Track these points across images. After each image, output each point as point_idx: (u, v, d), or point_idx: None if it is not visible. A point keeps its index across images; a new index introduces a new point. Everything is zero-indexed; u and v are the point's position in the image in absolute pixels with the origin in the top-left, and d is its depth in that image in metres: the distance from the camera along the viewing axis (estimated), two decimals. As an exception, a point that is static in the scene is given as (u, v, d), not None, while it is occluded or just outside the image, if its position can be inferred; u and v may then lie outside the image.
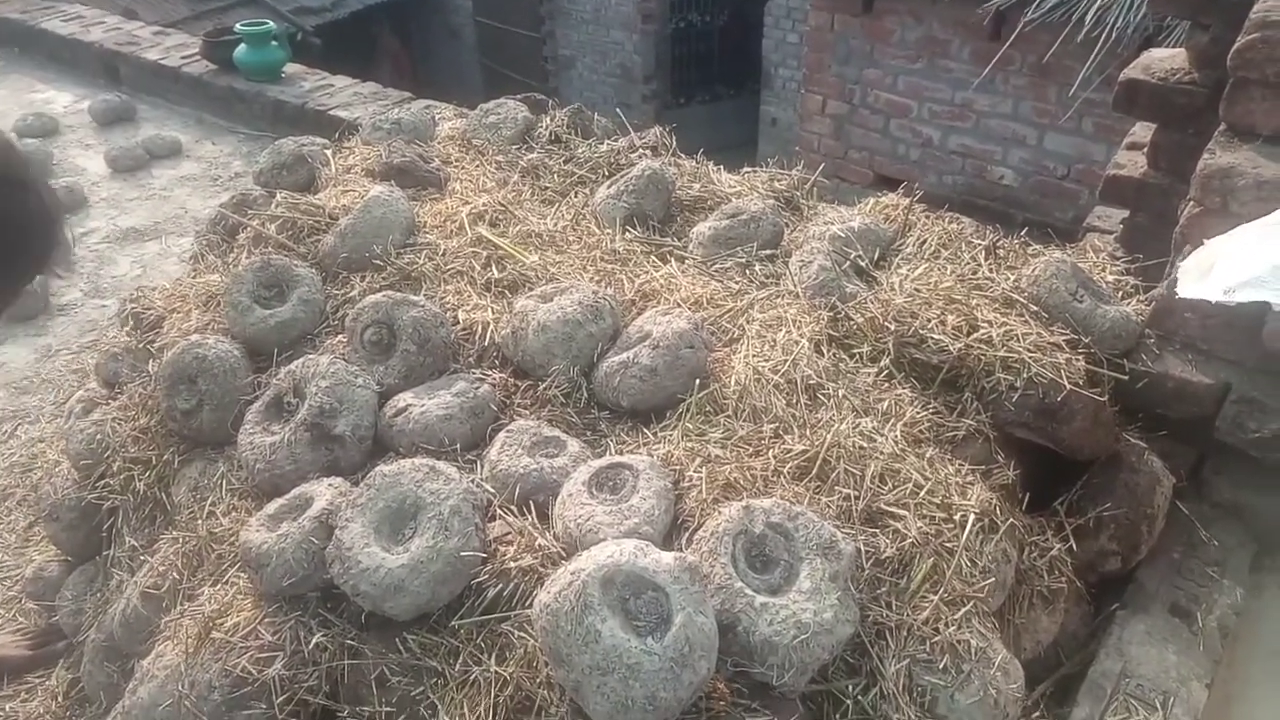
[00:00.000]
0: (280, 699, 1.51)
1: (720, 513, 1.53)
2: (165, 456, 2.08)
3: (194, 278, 2.53)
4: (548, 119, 3.01)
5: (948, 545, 1.61)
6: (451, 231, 2.34)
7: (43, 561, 2.44)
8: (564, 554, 1.55)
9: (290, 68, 5.35)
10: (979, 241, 2.33)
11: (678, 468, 1.68)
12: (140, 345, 2.35)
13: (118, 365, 2.39)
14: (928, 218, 2.48)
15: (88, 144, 5.16)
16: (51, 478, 2.36)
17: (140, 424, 2.15)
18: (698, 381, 1.83)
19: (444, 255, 2.25)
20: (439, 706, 1.44)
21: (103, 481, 2.12)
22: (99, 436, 2.17)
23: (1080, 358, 1.98)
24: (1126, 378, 2.05)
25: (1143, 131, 2.68)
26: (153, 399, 2.14)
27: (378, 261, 2.21)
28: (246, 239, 2.44)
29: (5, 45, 6.38)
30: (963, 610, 1.54)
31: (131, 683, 1.70)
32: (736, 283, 2.20)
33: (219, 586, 1.71)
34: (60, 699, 2.17)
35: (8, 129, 5.20)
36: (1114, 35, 4.42)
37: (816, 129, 6.36)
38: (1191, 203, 2.05)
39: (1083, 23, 4.49)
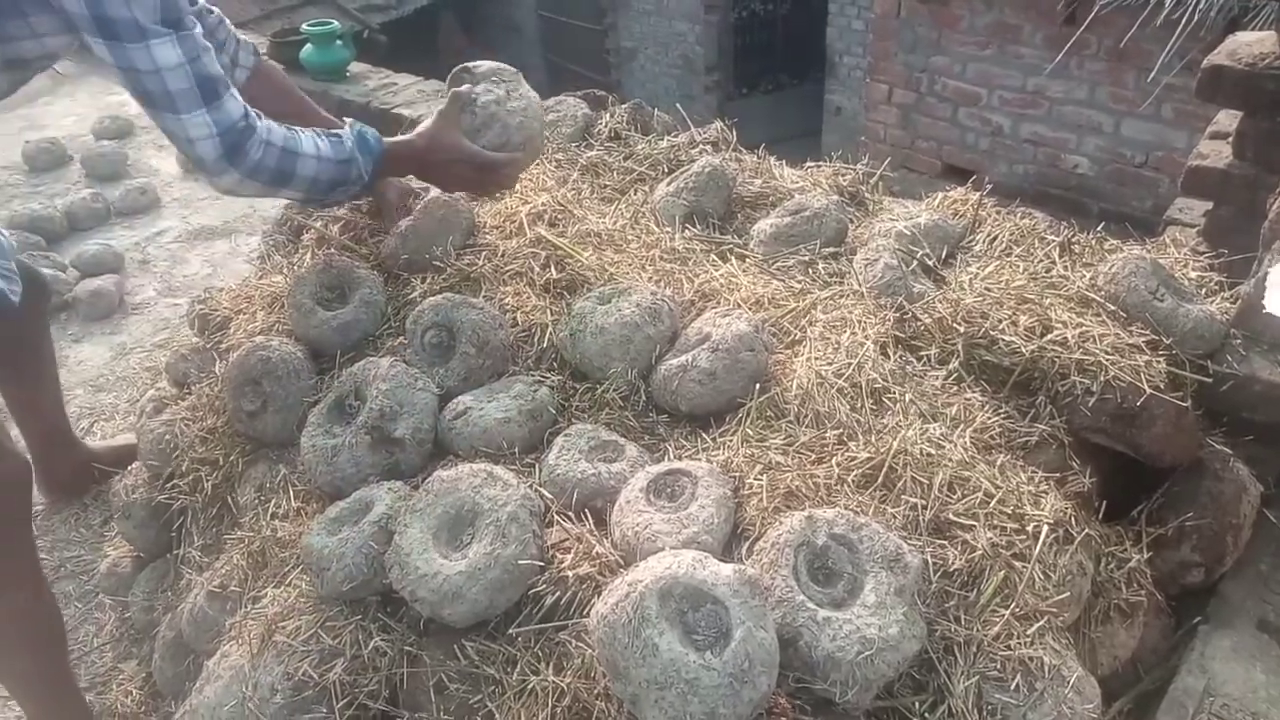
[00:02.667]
0: (341, 703, 1.52)
1: (781, 523, 1.49)
2: (231, 457, 2.11)
3: (259, 278, 2.57)
4: (607, 115, 2.99)
5: (1020, 557, 1.55)
6: (511, 232, 2.33)
7: (116, 557, 2.50)
8: (622, 562, 1.53)
9: (355, 66, 5.41)
10: (1053, 237, 2.25)
11: (737, 474, 1.65)
12: (208, 346, 2.39)
13: (187, 365, 2.44)
14: (998, 212, 2.40)
15: (161, 145, 5.29)
16: (124, 476, 2.42)
17: (207, 424, 2.18)
18: (758, 385, 1.79)
19: (503, 256, 2.24)
20: (496, 715, 1.43)
21: (171, 482, 2.16)
22: (168, 436, 2.21)
23: (1161, 360, 1.89)
24: (1210, 380, 1.95)
25: (1227, 120, 2.56)
26: (219, 400, 2.18)
27: (438, 263, 2.21)
28: (310, 240, 2.46)
29: (86, 50, 6.57)
30: (1035, 625, 1.48)
31: (198, 681, 1.73)
32: (799, 282, 2.15)
33: (282, 589, 1.72)
34: (135, 692, 2.22)
35: (85, 132, 5.36)
36: (1196, 18, 4.22)
37: (882, 118, 6.23)
38: (1282, 196, 1.95)
39: (1163, 5, 4.31)
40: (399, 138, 2.13)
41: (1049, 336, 1.88)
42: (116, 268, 4.02)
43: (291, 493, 1.93)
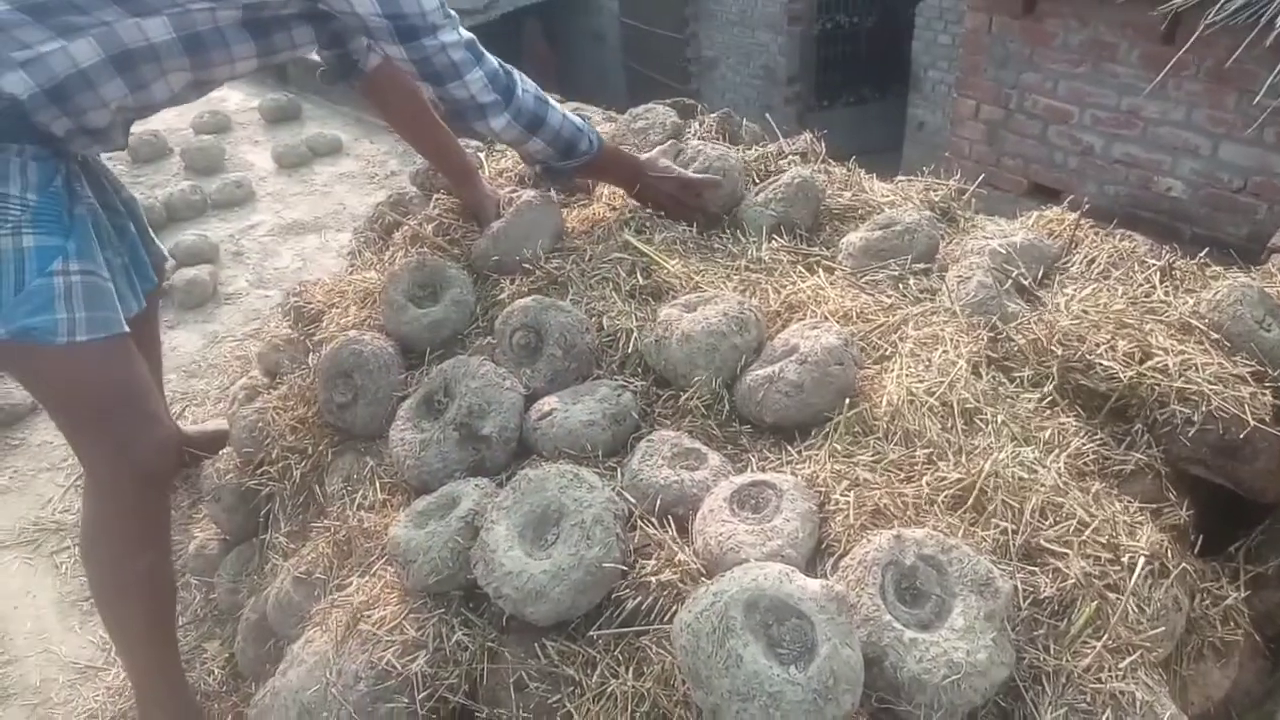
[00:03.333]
0: (422, 695, 1.54)
1: (869, 540, 1.47)
2: (320, 447, 2.17)
3: (351, 274, 2.63)
4: (696, 124, 2.99)
5: (1113, 588, 1.51)
6: (598, 237, 2.35)
7: (204, 539, 2.58)
8: (703, 571, 1.53)
9: (444, 69, 5.51)
10: (1153, 261, 2.19)
11: (823, 489, 1.63)
12: (301, 338, 2.45)
13: (279, 356, 2.51)
14: (1095, 233, 2.34)
15: (256, 140, 5.46)
16: (215, 460, 2.49)
17: (298, 414, 2.24)
18: (846, 400, 1.78)
19: (590, 261, 2.26)
20: (575, 716, 1.44)
21: (261, 469, 2.22)
22: (259, 424, 2.27)
23: (1267, 392, 1.83)
24: (1318, 415, 1.88)
25: (1343, 146, 2.46)
26: (311, 391, 2.23)
27: (527, 265, 2.24)
28: (403, 238, 2.52)
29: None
30: (1128, 659, 1.44)
31: (281, 665, 1.77)
32: (888, 297, 2.13)
33: (367, 578, 1.76)
34: (218, 671, 2.29)
35: (185, 126, 5.56)
36: (1306, 39, 4.09)
37: (968, 134, 6.13)
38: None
39: (1273, 25, 4.17)
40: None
41: (1149, 363, 1.83)
42: (211, 258, 4.16)
43: (378, 484, 1.97)
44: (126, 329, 1.96)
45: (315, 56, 2.31)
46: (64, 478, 3.05)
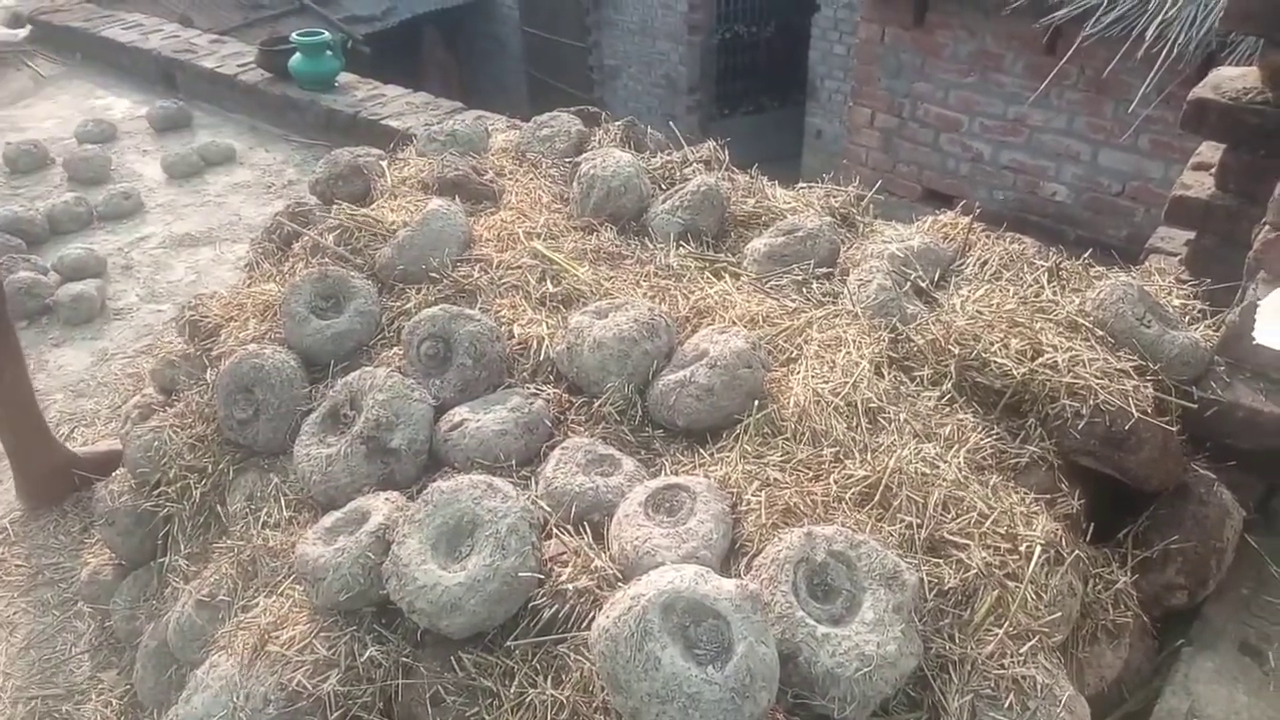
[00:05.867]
0: (335, 715, 1.51)
1: (781, 539, 1.50)
2: (221, 465, 2.10)
3: (249, 285, 2.55)
4: (601, 132, 3.01)
5: (1013, 576, 1.57)
6: (506, 245, 2.34)
7: (97, 565, 2.47)
8: (620, 576, 1.53)
9: (343, 77, 5.41)
10: (1041, 262, 2.29)
11: (735, 490, 1.66)
12: (198, 353, 2.37)
13: (175, 372, 2.42)
14: (988, 237, 2.44)
15: (145, 150, 5.25)
16: (108, 482, 2.39)
17: (196, 432, 2.17)
18: (755, 402, 1.81)
19: (499, 269, 2.25)
20: (494, 728, 1.43)
21: (159, 490, 2.14)
22: (155, 443, 2.19)
23: (1148, 385, 1.93)
24: (1195, 406, 1.99)
25: (1210, 152, 2.61)
26: (209, 407, 2.16)
27: (434, 274, 2.21)
28: (302, 248, 2.46)
29: (68, 52, 6.52)
30: (1028, 644, 1.50)
31: (185, 691, 1.71)
32: (793, 301, 2.18)
33: (274, 598, 1.71)
34: (115, 703, 2.19)
35: (68, 135, 5.31)
36: (1175, 51, 4.33)
37: (864, 142, 6.30)
38: (1267, 227, 2.00)
39: (1143, 38, 4.40)
40: None
41: (1040, 360, 1.91)
42: (99, 272, 3.98)
43: (283, 502, 1.92)
44: None
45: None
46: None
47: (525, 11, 11.82)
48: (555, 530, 1.62)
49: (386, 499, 1.72)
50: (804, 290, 2.23)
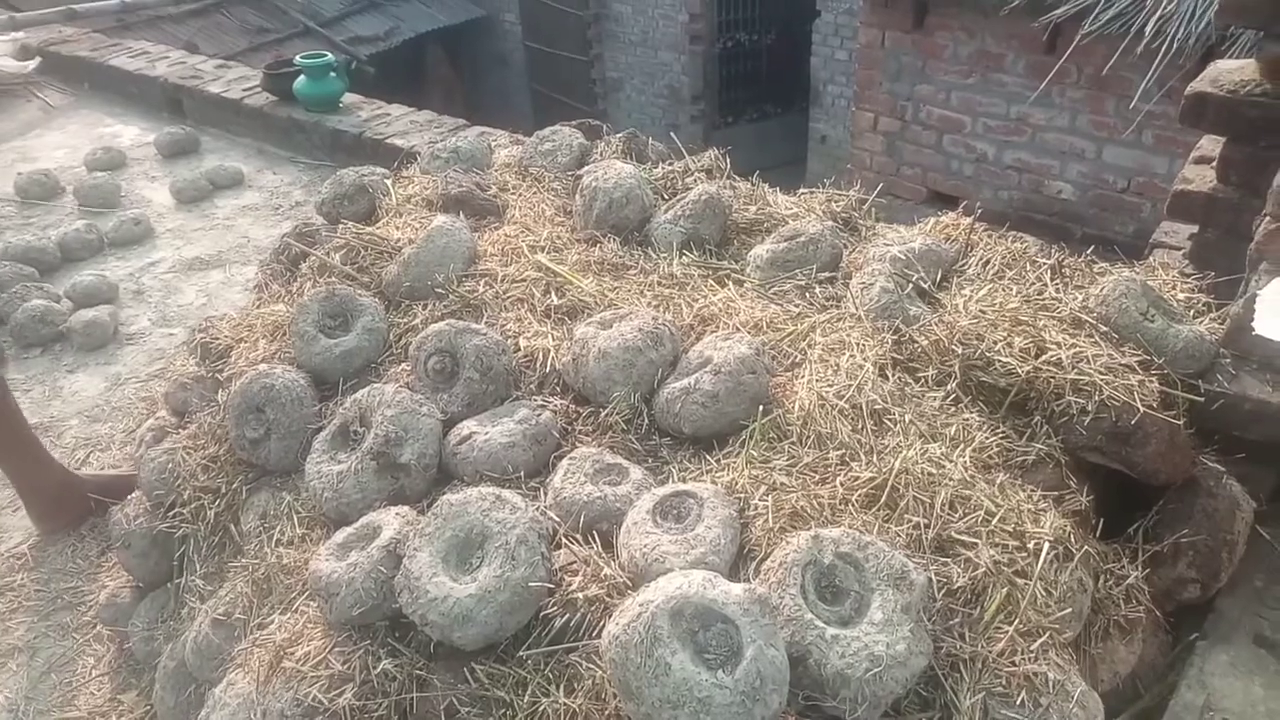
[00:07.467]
0: (351, 728, 1.52)
1: (788, 542, 1.51)
2: (234, 485, 2.12)
3: (258, 306, 2.58)
4: (602, 145, 3.03)
5: (1021, 574, 1.57)
6: (511, 259, 2.36)
7: (115, 588, 2.49)
8: (630, 584, 1.54)
9: (348, 98, 5.46)
10: (1044, 261, 2.29)
11: (742, 496, 1.67)
12: (209, 375, 2.40)
13: (187, 394, 2.45)
14: (989, 237, 2.44)
15: (153, 176, 5.30)
16: (124, 506, 2.41)
17: (209, 453, 2.19)
18: (760, 407, 1.82)
19: (504, 283, 2.27)
20: (508, 738, 1.44)
21: (173, 512, 2.16)
22: (169, 465, 2.21)
23: (1153, 379, 1.93)
24: (1202, 399, 1.99)
25: (1210, 145, 2.61)
26: (221, 428, 2.19)
27: (440, 290, 2.23)
28: (310, 268, 2.48)
29: (76, 82, 6.60)
30: (1038, 641, 1.50)
31: (204, 710, 1.73)
32: (796, 306, 2.19)
33: (289, 615, 1.73)
34: (134, 724, 2.21)
35: (78, 163, 5.37)
36: (1174, 46, 4.32)
37: (868, 146, 6.32)
38: (1268, 218, 2.00)
39: (1142, 34, 4.40)
40: None
41: (1044, 357, 1.91)
42: (111, 298, 4.02)
43: (296, 519, 1.94)
44: None
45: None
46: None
47: (527, 27, 11.90)
48: (564, 540, 1.64)
49: (397, 513, 1.74)
50: (807, 295, 2.24)
